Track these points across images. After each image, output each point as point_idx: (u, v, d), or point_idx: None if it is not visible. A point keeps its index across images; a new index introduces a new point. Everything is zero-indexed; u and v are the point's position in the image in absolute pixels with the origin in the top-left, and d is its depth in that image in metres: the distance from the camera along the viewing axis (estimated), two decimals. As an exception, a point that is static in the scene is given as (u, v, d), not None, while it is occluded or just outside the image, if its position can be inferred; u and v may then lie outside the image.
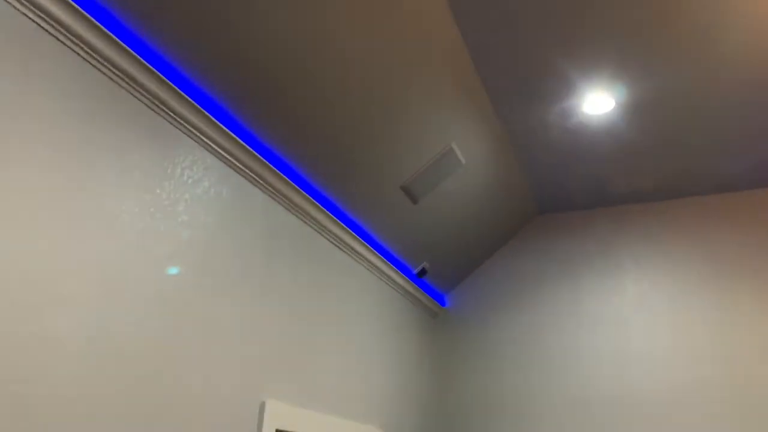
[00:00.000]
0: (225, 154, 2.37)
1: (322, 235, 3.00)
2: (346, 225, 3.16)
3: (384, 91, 2.77)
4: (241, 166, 2.45)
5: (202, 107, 2.21)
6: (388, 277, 3.63)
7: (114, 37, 1.88)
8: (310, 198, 2.84)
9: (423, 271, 3.99)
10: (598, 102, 3.18)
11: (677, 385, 3.47)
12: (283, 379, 2.54)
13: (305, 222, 2.87)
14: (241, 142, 2.41)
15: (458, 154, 3.34)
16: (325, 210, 2.96)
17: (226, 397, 2.22)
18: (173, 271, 2.07)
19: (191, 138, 2.22)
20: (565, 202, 4.16)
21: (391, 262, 3.64)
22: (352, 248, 3.23)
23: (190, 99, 2.15)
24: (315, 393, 2.74)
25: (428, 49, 2.72)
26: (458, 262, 4.20)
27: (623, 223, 4.02)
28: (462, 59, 2.86)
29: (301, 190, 2.77)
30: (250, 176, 2.51)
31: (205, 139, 2.27)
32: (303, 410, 2.61)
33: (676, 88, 3.01)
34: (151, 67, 2.00)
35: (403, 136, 3.06)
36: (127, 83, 1.96)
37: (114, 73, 1.92)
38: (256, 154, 2.50)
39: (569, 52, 2.85)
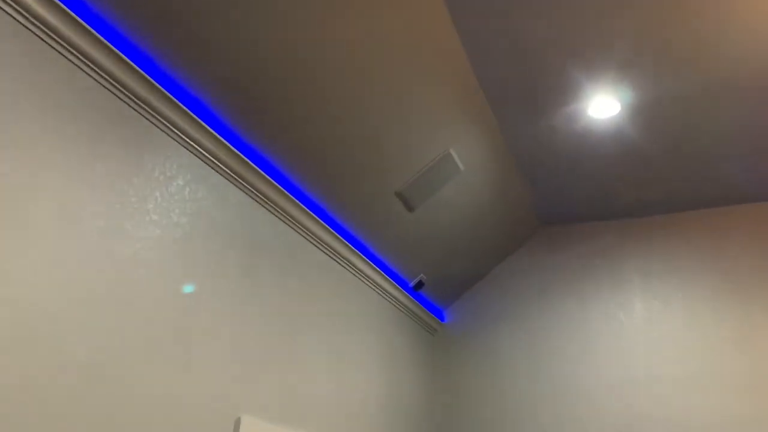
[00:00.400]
0: (203, 152, 2.23)
1: (311, 242, 2.84)
2: (338, 232, 3.00)
3: (379, 93, 2.63)
4: (221, 165, 2.31)
5: (178, 100, 2.07)
6: (382, 288, 3.45)
7: (75, 16, 1.75)
8: (298, 202, 2.69)
9: (420, 284, 3.81)
10: (603, 105, 3.02)
11: (690, 415, 3.24)
12: (262, 394, 2.36)
13: (292, 227, 2.72)
14: (222, 139, 2.27)
15: (456, 159, 3.19)
16: (314, 215, 2.80)
17: (199, 412, 2.05)
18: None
19: (165, 132, 2.08)
20: (569, 214, 3.99)
21: (386, 273, 3.47)
22: (343, 257, 3.07)
23: (163, 90, 2.01)
24: (297, 409, 2.56)
25: (426, 51, 2.58)
26: (457, 276, 4.02)
27: (630, 236, 3.84)
28: (460, 61, 2.72)
29: (287, 193, 2.62)
30: (231, 176, 2.36)
31: (181, 134, 2.13)
32: (283, 428, 2.43)
33: (684, 91, 2.85)
34: (119, 52, 1.87)
35: (399, 140, 2.91)
36: (91, 68, 1.82)
37: (76, 56, 1.78)
38: (239, 153, 2.35)
39: (573, 54, 2.70)
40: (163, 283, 1.98)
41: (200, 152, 2.21)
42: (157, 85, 1.99)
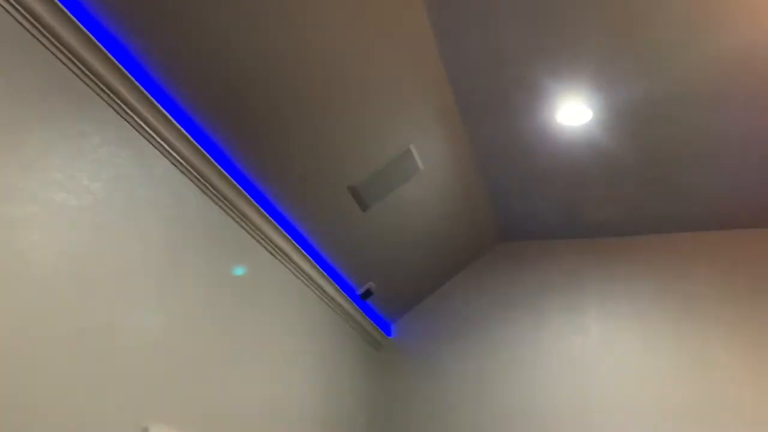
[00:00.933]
0: (129, 110, 1.91)
1: (247, 231, 2.53)
2: (280, 224, 2.70)
3: (336, 79, 2.37)
4: (148, 130, 1.99)
5: (99, 41, 1.76)
6: (326, 293, 3.16)
7: None
8: (236, 184, 2.38)
9: (368, 293, 3.53)
10: (574, 112, 2.85)
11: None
12: (175, 401, 2.02)
13: (227, 212, 2.40)
14: (155, 101, 1.96)
15: (416, 157, 2.95)
16: (254, 201, 2.50)
17: (100, 421, 1.70)
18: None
19: (79, 77, 1.76)
20: (530, 230, 3.80)
21: (332, 277, 3.18)
22: (284, 252, 2.77)
23: (80, 23, 1.70)
24: (219, 418, 2.23)
25: (396, 38, 2.36)
26: (409, 287, 3.76)
27: (591, 257, 3.67)
28: (431, 54, 2.50)
29: (225, 172, 2.32)
30: (161, 145, 2.05)
31: (100, 84, 1.81)
32: (199, 440, 2.09)
33: (657, 98, 2.70)
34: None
35: (356, 128, 2.65)
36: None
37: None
38: (173, 120, 2.04)
39: (545, 57, 2.52)
40: (58, 255, 1.64)
41: (125, 110, 1.90)
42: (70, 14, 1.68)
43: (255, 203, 2.51)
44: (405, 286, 3.72)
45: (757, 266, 3.32)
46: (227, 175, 2.33)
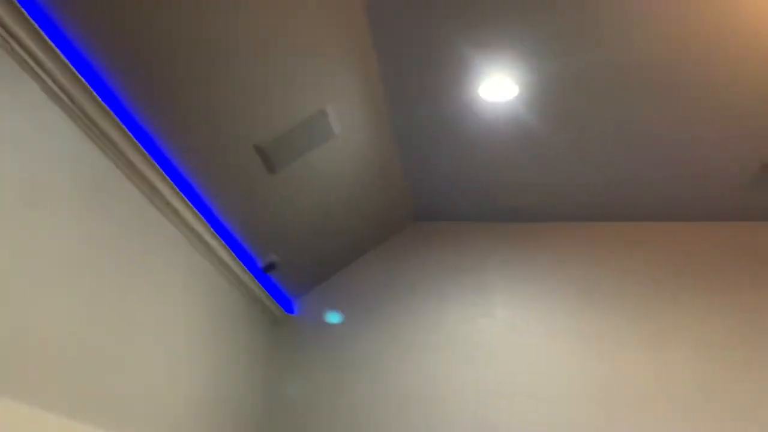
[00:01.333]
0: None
1: (132, 181, 2.22)
2: (172, 179, 2.41)
3: (246, 28, 2.11)
4: (16, 47, 1.66)
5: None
6: (222, 262, 2.89)
7: None
8: (123, 126, 2.08)
9: (271, 266, 3.29)
10: (498, 87, 2.72)
11: (548, 425, 3.02)
12: (22, 370, 1.71)
13: (109, 156, 2.09)
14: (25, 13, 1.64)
15: (332, 120, 2.74)
16: (143, 149, 2.19)
17: None
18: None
19: None
20: (445, 210, 3.68)
21: (229, 245, 2.91)
22: (176, 211, 2.48)
23: None
24: (70, 392, 1.92)
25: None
26: (316, 262, 3.55)
27: (501, 241, 3.62)
28: (357, 12, 2.29)
29: (111, 113, 2.01)
30: (30, 65, 1.72)
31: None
32: (44, 414, 1.78)
33: (586, 78, 2.63)
34: None
35: (266, 84, 2.39)
36: None
37: None
38: (39, 30, 1.72)
39: (470, 24, 2.36)
40: None
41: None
42: None
43: (148, 155, 2.21)
44: (311, 261, 3.51)
45: (659, 257, 3.37)
46: (118, 121, 2.02)
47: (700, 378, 3.03)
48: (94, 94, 1.93)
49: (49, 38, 1.74)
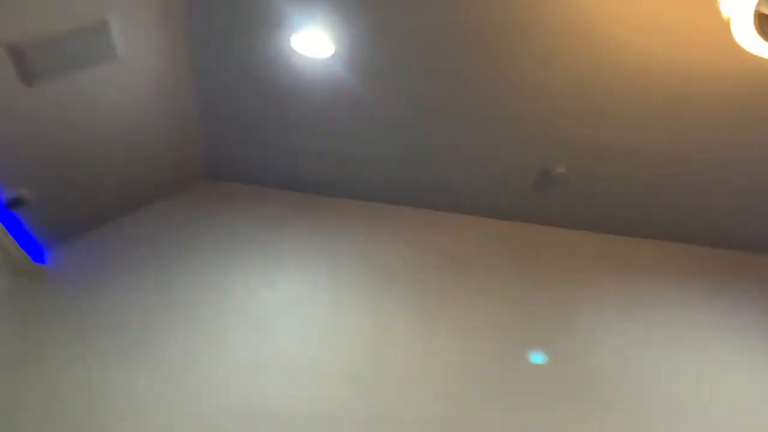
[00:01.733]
0: None
1: None
2: None
3: None
4: None
5: None
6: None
7: None
8: None
9: (17, 201, 2.76)
10: (313, 42, 2.55)
11: (319, 402, 2.88)
12: None
13: None
14: None
15: (114, 37, 2.34)
16: None
17: None
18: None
19: None
20: (239, 171, 3.41)
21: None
22: None
23: None
24: None
25: None
26: (80, 206, 3.04)
27: (297, 210, 3.46)
28: None
29: None
30: None
31: None
32: None
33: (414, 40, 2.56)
34: None
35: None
36: None
37: None
38: None
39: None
40: None
41: None
42: None
43: None
44: (74, 204, 3.00)
45: (442, 246, 3.45)
46: None
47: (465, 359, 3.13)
48: None
49: None
